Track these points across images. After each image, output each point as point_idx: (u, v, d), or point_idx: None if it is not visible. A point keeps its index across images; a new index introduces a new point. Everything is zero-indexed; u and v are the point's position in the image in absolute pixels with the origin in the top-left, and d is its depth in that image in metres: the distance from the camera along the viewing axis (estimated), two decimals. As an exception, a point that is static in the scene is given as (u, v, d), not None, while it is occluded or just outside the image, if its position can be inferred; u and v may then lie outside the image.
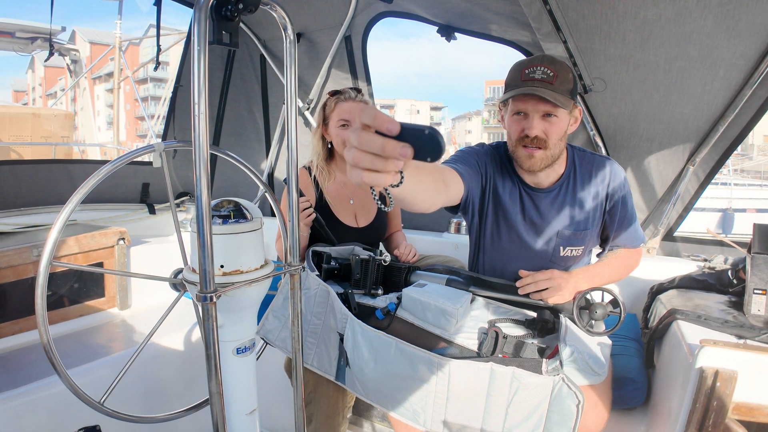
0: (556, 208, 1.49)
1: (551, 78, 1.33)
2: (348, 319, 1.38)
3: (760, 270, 1.40)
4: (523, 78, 1.36)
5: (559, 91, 1.33)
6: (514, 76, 1.40)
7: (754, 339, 1.27)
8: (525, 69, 1.36)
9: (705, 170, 2.03)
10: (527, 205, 1.51)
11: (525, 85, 1.35)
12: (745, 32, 1.64)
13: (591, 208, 1.49)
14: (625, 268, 1.61)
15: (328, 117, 1.95)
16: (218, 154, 1.28)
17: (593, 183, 1.48)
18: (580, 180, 1.49)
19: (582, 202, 1.48)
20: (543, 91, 1.31)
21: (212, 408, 0.88)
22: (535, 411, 1.14)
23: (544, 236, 1.50)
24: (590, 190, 1.48)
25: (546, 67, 1.34)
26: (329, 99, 1.96)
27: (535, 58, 1.40)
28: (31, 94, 43.78)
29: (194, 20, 0.77)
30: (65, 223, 1.01)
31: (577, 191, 1.49)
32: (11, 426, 1.55)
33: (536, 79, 1.34)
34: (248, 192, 3.30)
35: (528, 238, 1.51)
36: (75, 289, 2.48)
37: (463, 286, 1.47)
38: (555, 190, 1.49)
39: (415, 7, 2.37)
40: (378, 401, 1.32)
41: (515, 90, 1.36)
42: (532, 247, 1.52)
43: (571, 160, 1.51)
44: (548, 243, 1.51)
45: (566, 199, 1.49)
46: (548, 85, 1.33)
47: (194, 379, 2.07)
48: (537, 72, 1.34)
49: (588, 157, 1.52)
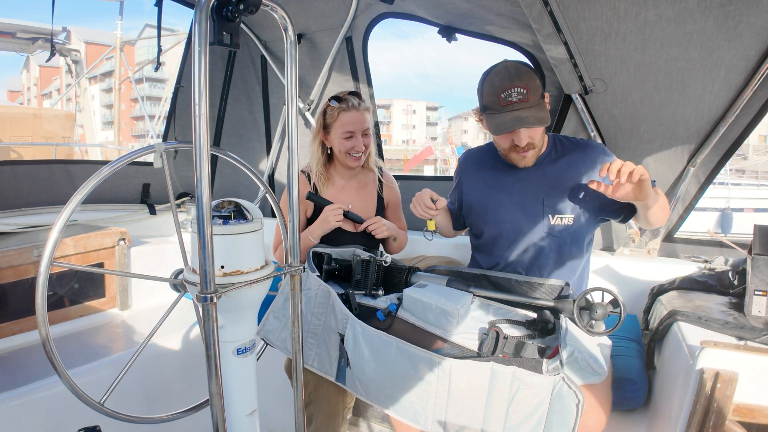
0: (539, 179, 1.62)
1: (526, 95, 1.44)
2: (349, 320, 1.38)
3: (761, 271, 1.40)
4: (503, 104, 1.46)
5: (535, 104, 1.46)
6: (491, 99, 1.50)
7: (755, 340, 1.27)
8: (501, 93, 1.46)
9: (705, 171, 2.03)
10: (509, 182, 1.67)
11: (506, 110, 1.47)
12: (746, 34, 1.64)
13: (575, 177, 1.58)
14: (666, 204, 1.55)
15: (329, 125, 1.92)
16: (219, 154, 1.28)
17: (575, 155, 1.61)
18: (561, 155, 1.63)
19: (563, 173, 1.60)
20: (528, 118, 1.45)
21: (212, 408, 0.87)
22: (536, 411, 1.14)
23: (532, 206, 1.62)
24: (571, 163, 1.61)
25: (519, 87, 1.44)
26: (330, 107, 1.91)
27: (504, 79, 1.47)
28: (26, 94, 43.83)
29: (195, 21, 0.78)
30: (66, 223, 1.01)
31: (558, 164, 1.62)
32: (11, 426, 1.55)
33: (514, 102, 1.45)
34: (249, 192, 3.30)
35: (518, 212, 1.64)
36: (75, 290, 2.48)
37: (463, 287, 1.48)
38: (535, 165, 1.64)
39: (416, 8, 2.38)
40: (379, 401, 1.33)
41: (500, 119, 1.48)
42: (523, 220, 1.63)
43: (552, 143, 1.67)
44: (536, 212, 1.61)
45: (548, 171, 1.62)
46: (525, 103, 1.45)
47: (194, 379, 2.07)
48: (513, 95, 1.45)
49: (569, 139, 1.69)
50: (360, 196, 2.03)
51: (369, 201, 2.04)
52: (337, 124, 1.89)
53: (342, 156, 1.92)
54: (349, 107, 1.88)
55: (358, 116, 1.88)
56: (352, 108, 1.88)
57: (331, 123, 1.91)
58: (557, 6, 1.77)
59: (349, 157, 1.91)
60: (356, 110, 1.88)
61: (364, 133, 1.90)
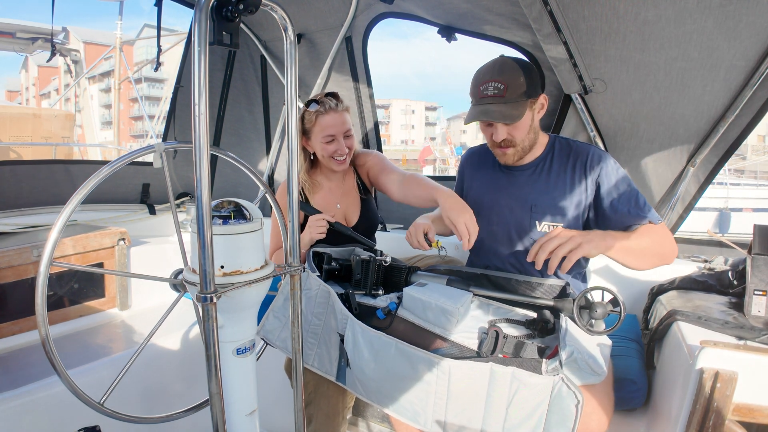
0: (530, 183, 1.61)
1: (502, 91, 1.46)
2: (348, 320, 1.38)
3: (761, 271, 1.40)
4: (480, 95, 1.49)
5: (511, 101, 1.46)
6: (473, 91, 1.53)
7: (755, 340, 1.27)
8: (480, 86, 1.49)
9: (705, 171, 2.03)
10: (504, 183, 1.66)
11: (481, 103, 1.49)
12: (746, 33, 1.64)
13: (567, 185, 1.56)
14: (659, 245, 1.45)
15: (309, 130, 1.85)
16: (218, 154, 1.28)
17: (570, 163, 1.57)
18: (557, 161, 1.60)
19: (557, 178, 1.58)
20: (494, 112, 1.46)
21: (212, 408, 0.87)
22: (535, 411, 1.14)
23: (521, 210, 1.60)
24: (567, 169, 1.57)
25: (496, 82, 1.46)
26: (307, 111, 1.83)
27: (486, 72, 1.50)
28: (24, 94, 43.84)
29: (195, 21, 0.77)
30: (65, 223, 1.01)
31: (552, 169, 1.59)
32: (11, 426, 1.55)
33: (489, 96, 1.47)
34: (248, 192, 3.30)
35: (507, 214, 1.63)
36: (75, 290, 2.48)
37: (463, 286, 1.48)
38: (530, 168, 1.62)
39: (416, 8, 2.38)
40: (378, 401, 1.33)
41: (473, 112, 1.52)
42: (511, 223, 1.62)
43: (551, 145, 1.63)
44: (524, 217, 1.59)
45: (541, 176, 1.60)
46: (500, 99, 1.46)
47: (194, 379, 2.07)
48: (489, 89, 1.47)
49: (569, 143, 1.63)
50: (347, 195, 2.00)
51: (354, 197, 2.01)
52: (317, 128, 1.82)
53: (326, 160, 1.87)
54: (327, 110, 1.80)
55: (338, 118, 1.81)
56: (330, 110, 1.80)
57: (310, 128, 1.84)
58: (557, 6, 1.77)
59: (333, 161, 1.85)
60: (335, 112, 1.81)
61: (345, 135, 1.84)
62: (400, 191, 1.81)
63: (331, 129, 1.80)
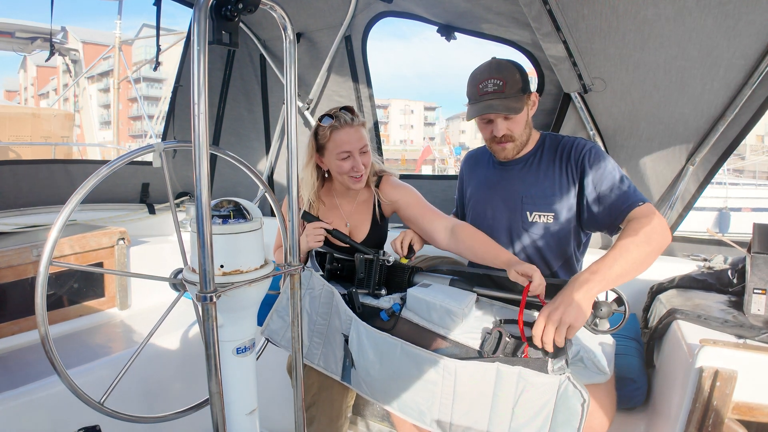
0: (521, 177, 1.66)
1: (502, 87, 1.52)
2: (353, 321, 1.38)
3: (760, 269, 1.40)
4: (480, 93, 1.55)
5: (511, 96, 1.53)
6: (471, 90, 1.59)
7: (754, 339, 1.27)
8: (479, 84, 1.56)
9: (705, 170, 2.03)
10: (497, 179, 1.71)
11: (482, 100, 1.55)
12: (745, 32, 1.64)
13: (556, 176, 1.60)
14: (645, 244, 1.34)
15: (323, 146, 1.72)
16: (218, 154, 1.28)
17: (558, 155, 1.62)
18: (546, 155, 1.65)
19: (546, 170, 1.62)
20: (497, 106, 1.52)
21: (212, 408, 0.87)
22: (542, 411, 1.13)
23: (513, 203, 1.65)
24: (555, 161, 1.62)
25: (496, 79, 1.53)
26: (321, 126, 1.71)
27: (484, 71, 1.57)
28: (23, 94, 43.79)
29: (194, 20, 0.77)
30: (65, 223, 1.01)
31: (542, 162, 1.64)
32: (11, 426, 1.55)
33: (489, 92, 1.53)
34: (248, 192, 3.30)
35: (502, 208, 1.68)
36: (75, 289, 2.48)
37: (467, 287, 1.47)
38: (521, 163, 1.67)
39: (415, 7, 2.37)
40: (384, 402, 1.33)
41: (475, 107, 1.57)
42: (506, 216, 1.67)
43: (542, 141, 1.68)
44: (516, 209, 1.64)
45: (531, 169, 1.65)
46: (500, 94, 1.52)
47: (194, 379, 2.07)
48: (489, 85, 1.53)
49: (557, 138, 1.67)
50: (356, 212, 1.87)
51: (361, 214, 1.88)
52: (331, 144, 1.69)
53: (342, 178, 1.74)
54: (342, 124, 1.67)
55: (353, 133, 1.68)
56: (346, 125, 1.67)
57: (324, 144, 1.71)
58: (556, 5, 1.77)
59: (349, 179, 1.72)
60: (350, 126, 1.68)
61: (362, 151, 1.70)
62: (452, 242, 1.66)
63: (346, 145, 1.67)
